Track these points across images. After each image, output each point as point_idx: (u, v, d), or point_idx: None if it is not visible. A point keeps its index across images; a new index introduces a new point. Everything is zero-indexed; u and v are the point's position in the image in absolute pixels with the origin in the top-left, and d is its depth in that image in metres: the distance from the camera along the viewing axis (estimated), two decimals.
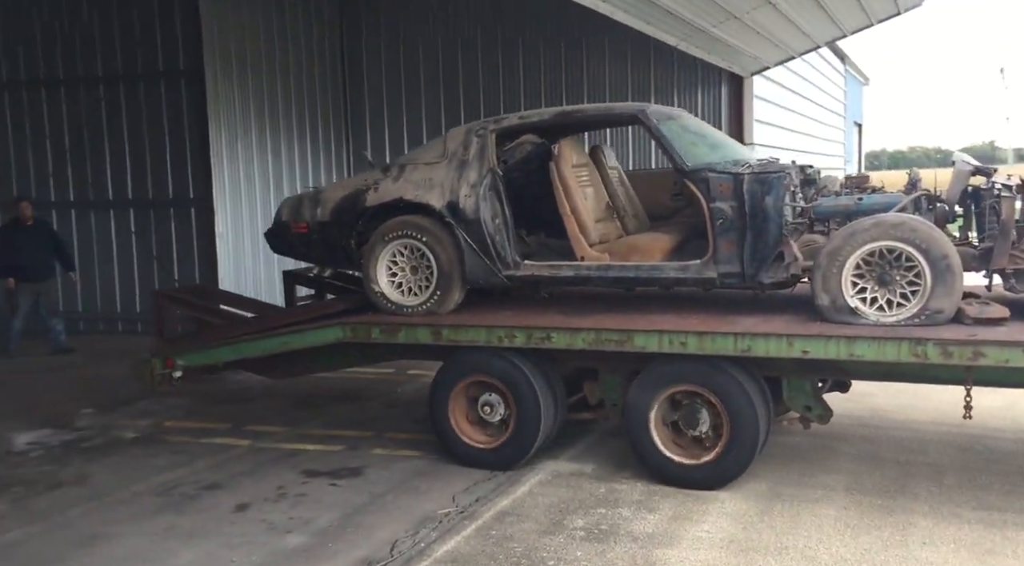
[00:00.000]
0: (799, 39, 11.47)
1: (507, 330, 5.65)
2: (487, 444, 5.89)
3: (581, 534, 4.73)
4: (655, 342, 5.25)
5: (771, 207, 5.28)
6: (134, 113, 11.86)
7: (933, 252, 4.88)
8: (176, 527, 5.03)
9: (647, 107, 6.00)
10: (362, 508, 5.25)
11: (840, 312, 5.07)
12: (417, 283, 6.20)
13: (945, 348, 4.65)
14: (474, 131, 6.23)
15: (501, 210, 6.02)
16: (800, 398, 5.45)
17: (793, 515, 4.89)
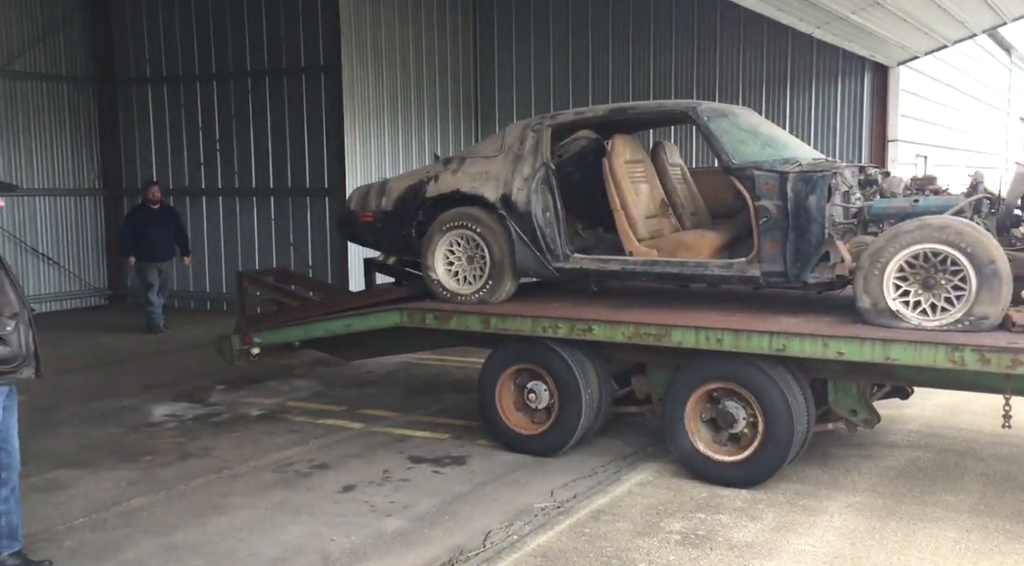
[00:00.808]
0: (951, 26, 10.72)
1: (551, 321, 5.79)
2: (531, 430, 6.04)
3: (676, 538, 4.63)
4: (692, 338, 5.30)
5: (814, 206, 5.24)
6: (277, 106, 12.48)
7: (979, 256, 4.74)
8: (286, 503, 5.26)
9: (699, 105, 6.01)
10: (461, 497, 5.32)
11: (881, 315, 4.98)
12: (472, 272, 6.37)
13: (983, 354, 4.53)
14: (530, 126, 6.35)
15: (552, 204, 6.12)
16: (846, 401, 5.36)
17: (908, 535, 4.61)
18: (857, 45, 10.51)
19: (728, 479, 5.35)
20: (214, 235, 13.08)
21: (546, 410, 6.00)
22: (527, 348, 6.02)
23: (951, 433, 6.40)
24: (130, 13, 13.32)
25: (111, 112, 13.60)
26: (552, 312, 5.95)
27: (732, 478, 5.34)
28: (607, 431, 6.54)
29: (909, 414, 6.90)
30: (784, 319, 5.39)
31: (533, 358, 5.99)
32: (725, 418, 5.36)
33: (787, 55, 11.71)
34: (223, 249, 12.97)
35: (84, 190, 13.50)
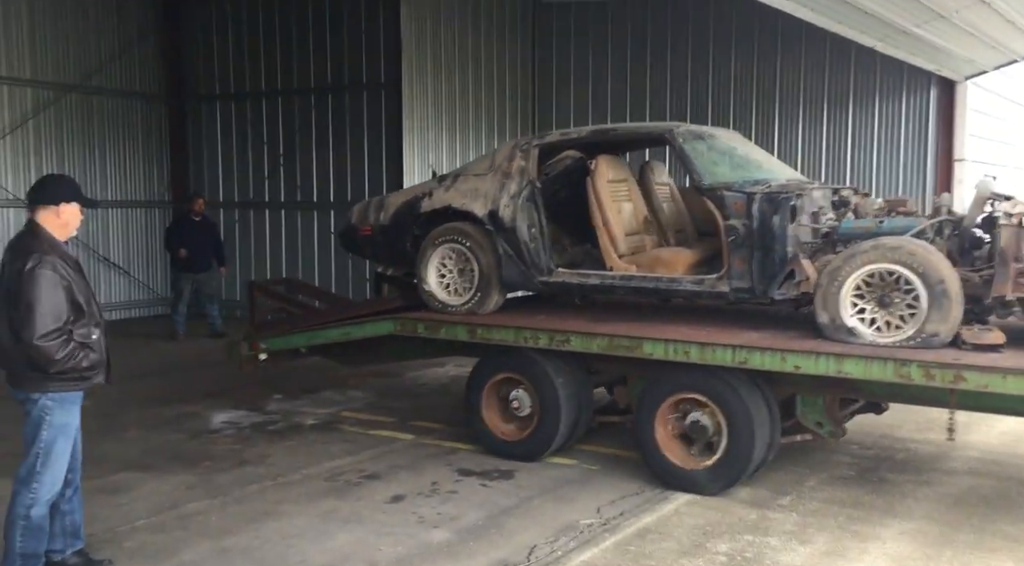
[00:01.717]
0: (1021, 41, 10.44)
1: (532, 332, 6.07)
2: (514, 436, 6.32)
3: (723, 559, 4.59)
4: (661, 350, 5.55)
5: (777, 226, 5.46)
6: (339, 121, 12.78)
7: (930, 276, 4.96)
8: (336, 511, 5.37)
9: (676, 127, 6.30)
10: (508, 511, 5.36)
11: (838, 331, 5.20)
12: (462, 285, 6.67)
13: (928, 370, 4.75)
14: (519, 146, 6.67)
15: (538, 220, 6.40)
16: (812, 414, 5.61)
17: (964, 564, 4.49)
18: (922, 58, 10.28)
19: (694, 486, 5.56)
20: (275, 246, 13.41)
21: (528, 417, 6.24)
22: (511, 358, 6.29)
23: (1015, 462, 6.21)
24: (200, 31, 13.79)
25: (181, 127, 14.08)
26: (534, 323, 6.22)
27: (697, 485, 5.55)
28: None
29: (971, 441, 6.71)
30: (749, 333, 5.59)
31: (517, 367, 6.27)
32: (694, 428, 5.57)
33: (849, 71, 11.50)
34: (284, 260, 13.28)
35: (154, 202, 13.98)
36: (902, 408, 7.46)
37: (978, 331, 4.99)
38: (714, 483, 5.52)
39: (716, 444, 5.52)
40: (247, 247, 13.72)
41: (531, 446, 6.22)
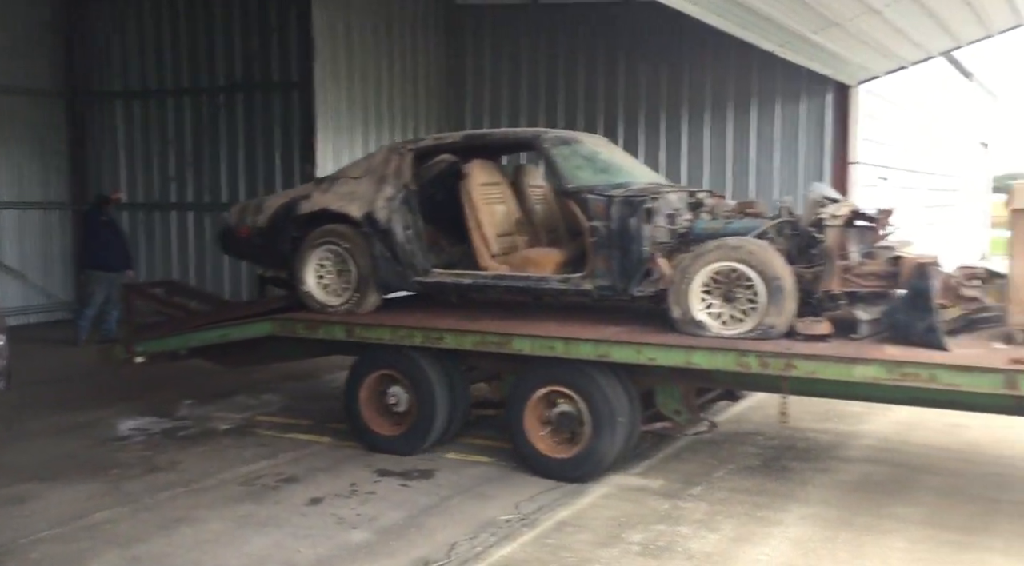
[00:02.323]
0: (909, 48, 11.04)
1: (408, 330, 6.32)
2: (391, 432, 6.49)
3: (636, 549, 4.74)
4: (529, 345, 5.87)
5: (634, 227, 5.81)
6: (249, 122, 12.53)
7: (767, 273, 5.38)
8: (253, 515, 5.31)
9: (544, 133, 6.66)
10: (428, 509, 5.40)
11: (689, 324, 5.59)
12: (340, 285, 6.85)
13: (763, 359, 5.22)
14: (394, 150, 6.90)
15: (413, 222, 6.62)
16: (670, 403, 5.98)
17: (859, 545, 4.76)
18: (819, 64, 10.77)
19: (559, 474, 5.85)
20: (182, 249, 13.07)
21: (405, 413, 6.43)
22: (389, 355, 6.49)
23: (906, 448, 6.58)
24: (102, 26, 13.33)
25: (80, 126, 13.56)
26: (410, 322, 6.45)
27: (563, 473, 5.84)
28: None
29: (866, 430, 7.09)
30: (610, 329, 5.90)
31: (394, 364, 6.46)
32: (560, 419, 5.87)
33: (752, 75, 11.95)
34: (192, 264, 12.96)
35: (52, 203, 13.43)
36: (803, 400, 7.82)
37: (810, 322, 5.39)
38: (579, 470, 5.82)
39: (581, 434, 5.81)
40: (152, 250, 13.33)
41: (408, 441, 6.41)
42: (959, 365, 4.77)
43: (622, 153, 7.51)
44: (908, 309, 5.24)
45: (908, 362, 4.87)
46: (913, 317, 5.17)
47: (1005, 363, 4.70)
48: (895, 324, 5.33)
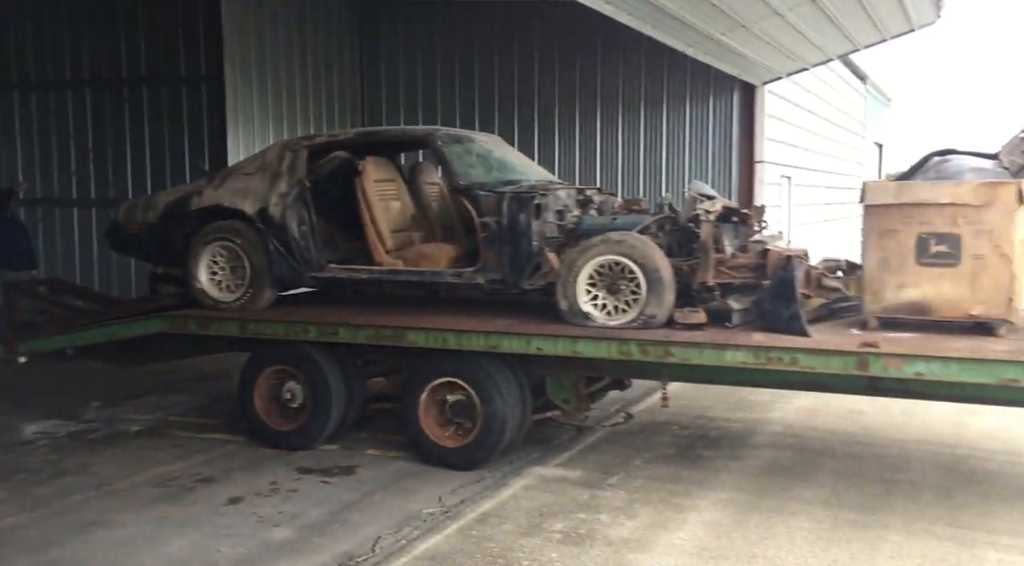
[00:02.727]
0: (811, 51, 11.55)
1: (303, 325, 6.40)
2: (287, 427, 6.53)
3: (558, 537, 4.86)
4: (423, 338, 6.02)
5: (523, 223, 6.00)
6: (155, 116, 12.17)
7: (648, 266, 5.65)
8: (170, 517, 5.21)
9: (436, 131, 6.83)
10: (351, 505, 5.40)
11: (576, 316, 5.81)
12: (234, 282, 6.87)
13: (644, 347, 5.48)
14: (288, 146, 6.95)
15: (308, 218, 6.68)
16: (559, 392, 6.23)
17: (768, 526, 4.99)
18: (727, 64, 11.16)
19: (455, 463, 6.00)
20: (85, 246, 12.60)
21: (301, 408, 6.47)
22: (284, 351, 6.55)
23: (810, 433, 6.91)
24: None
25: None
26: (304, 317, 6.52)
27: (458, 462, 6.00)
28: None
29: (773, 417, 7.40)
30: (501, 321, 6.09)
31: (289, 360, 6.52)
32: (454, 410, 6.04)
33: (663, 74, 12.28)
34: (95, 261, 12.51)
35: None
36: (712, 392, 8.12)
37: (687, 312, 5.69)
38: (472, 459, 5.99)
39: (473, 424, 5.98)
40: (52, 247, 12.82)
41: (303, 435, 6.45)
42: (817, 349, 5.14)
43: (515, 152, 7.72)
44: (774, 299, 5.57)
45: (773, 347, 5.22)
46: (779, 306, 5.51)
47: (857, 346, 5.06)
48: (763, 313, 5.66)
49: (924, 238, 5.34)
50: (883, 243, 5.46)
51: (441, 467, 5.98)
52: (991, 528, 4.93)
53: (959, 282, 5.29)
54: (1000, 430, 6.81)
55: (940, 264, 5.32)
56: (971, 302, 5.28)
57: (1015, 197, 5.19)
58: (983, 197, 5.23)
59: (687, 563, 4.49)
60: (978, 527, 4.94)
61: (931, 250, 5.33)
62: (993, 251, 5.21)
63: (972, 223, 5.23)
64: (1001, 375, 4.78)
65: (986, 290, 5.25)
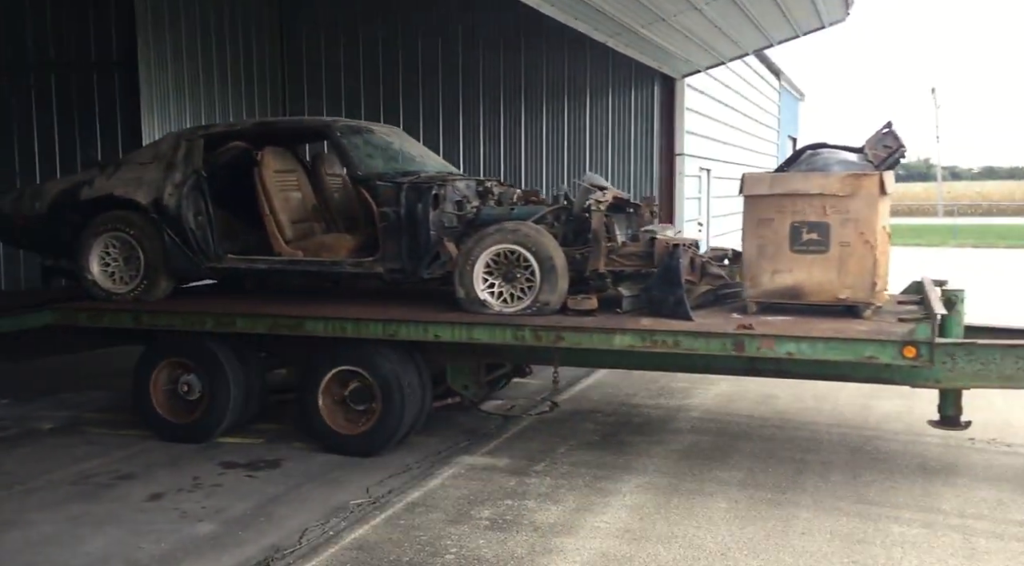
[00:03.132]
0: (727, 45, 11.88)
1: (199, 315, 6.39)
2: (184, 419, 6.50)
3: (485, 524, 4.93)
4: (321, 327, 6.09)
5: (421, 213, 6.12)
6: (64, 103, 11.74)
7: (541, 254, 5.84)
8: (89, 514, 5.09)
9: (335, 122, 6.88)
10: (276, 498, 5.37)
11: (473, 303, 5.97)
12: (128, 273, 6.82)
13: (537, 333, 5.68)
14: (184, 136, 6.94)
15: (204, 208, 6.68)
16: (459, 379, 6.45)
17: (688, 507, 5.16)
18: (648, 57, 11.39)
19: (353, 450, 6.08)
20: None
21: (198, 400, 6.45)
22: (180, 343, 6.52)
23: (727, 418, 7.14)
24: None
25: None
26: (201, 308, 6.52)
27: (356, 449, 6.08)
28: (422, 429, 6.79)
29: (693, 403, 7.62)
30: (399, 309, 6.20)
31: (185, 352, 6.50)
32: (353, 397, 6.12)
33: (586, 66, 12.43)
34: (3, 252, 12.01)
35: None
36: (636, 379, 8.31)
37: (580, 299, 5.89)
38: (372, 446, 6.07)
39: (373, 411, 6.07)
40: None
41: (201, 428, 6.42)
42: (697, 332, 5.42)
43: (416, 143, 7.81)
44: (661, 285, 5.83)
45: (657, 331, 5.49)
46: (665, 292, 5.78)
47: (734, 329, 5.36)
48: (651, 299, 5.90)
49: (797, 226, 5.64)
50: (760, 231, 5.75)
51: (341, 455, 6.07)
52: (894, 503, 5.20)
53: (828, 268, 5.62)
54: (904, 412, 7.17)
55: (811, 251, 5.64)
56: (839, 286, 5.61)
57: (877, 188, 5.53)
58: (849, 188, 5.55)
59: (611, 545, 4.62)
60: (882, 503, 5.21)
61: (803, 238, 5.64)
62: (858, 238, 5.54)
63: (839, 212, 5.56)
64: (862, 353, 5.14)
65: (852, 275, 5.58)
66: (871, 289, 5.60)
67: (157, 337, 6.62)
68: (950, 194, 53.39)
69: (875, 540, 4.66)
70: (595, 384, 8.29)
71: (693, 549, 4.56)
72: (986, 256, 23.79)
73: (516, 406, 7.51)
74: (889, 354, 5.08)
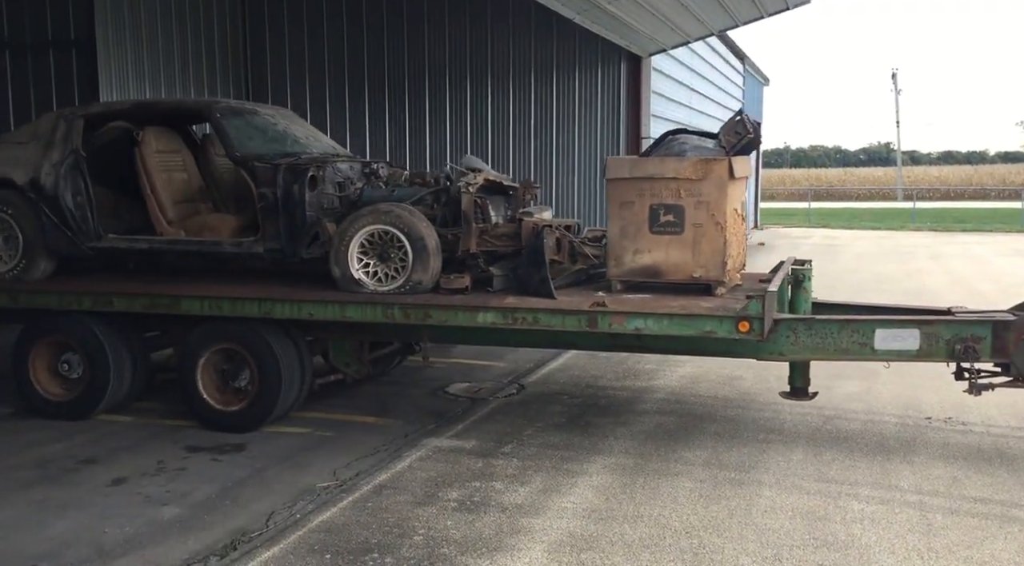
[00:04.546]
0: (693, 24, 11.92)
1: (76, 295, 6.46)
2: (64, 397, 6.62)
3: (453, 505, 4.95)
4: (198, 306, 6.22)
5: (297, 194, 6.20)
6: (20, 84, 11.47)
7: (413, 234, 5.99)
8: (51, 499, 5.03)
9: (215, 103, 6.95)
10: (242, 482, 5.34)
11: (348, 283, 6.10)
12: (7, 252, 6.86)
13: (406, 311, 5.88)
14: (63, 116, 6.91)
15: (84, 188, 6.70)
16: (341, 356, 6.68)
17: (653, 487, 5.23)
18: (615, 34, 11.38)
19: (232, 426, 6.24)
20: None
21: (79, 378, 6.56)
22: (59, 322, 6.59)
23: (692, 399, 7.23)
24: None
25: None
26: (79, 287, 6.55)
27: (235, 424, 6.24)
28: (389, 411, 6.78)
29: (658, 385, 7.70)
30: (277, 289, 6.32)
31: (64, 330, 6.56)
32: (230, 374, 6.29)
33: (553, 43, 12.40)
34: None
35: None
36: (602, 362, 8.37)
37: (452, 278, 6.09)
38: (249, 421, 6.21)
39: (250, 388, 6.22)
40: None
41: (81, 404, 6.53)
42: (554, 309, 5.66)
43: (305, 125, 7.84)
44: (527, 265, 6.03)
45: (518, 308, 5.71)
46: (530, 271, 5.98)
47: (588, 306, 5.60)
48: (518, 278, 6.09)
49: (655, 208, 5.90)
50: (622, 213, 5.98)
51: (220, 431, 6.19)
52: (854, 481, 5.31)
53: (684, 248, 5.89)
54: (863, 393, 7.32)
55: (668, 232, 5.91)
56: (693, 265, 5.90)
57: (726, 172, 5.81)
58: (700, 172, 5.82)
59: (578, 525, 4.67)
60: (843, 481, 5.32)
61: (661, 219, 5.91)
62: (709, 220, 5.82)
63: (693, 195, 5.83)
64: (701, 327, 5.44)
65: (705, 255, 5.87)
66: (722, 268, 5.87)
67: (36, 316, 6.66)
68: (909, 178, 54.31)
69: (835, 517, 4.76)
70: (562, 366, 8.34)
71: (659, 528, 4.63)
72: (935, 239, 24.23)
73: (483, 389, 7.54)
74: (726, 329, 5.37)
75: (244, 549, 4.40)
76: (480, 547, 4.41)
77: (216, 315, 6.18)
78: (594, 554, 4.33)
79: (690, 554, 4.32)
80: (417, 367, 8.31)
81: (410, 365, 8.37)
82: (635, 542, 4.46)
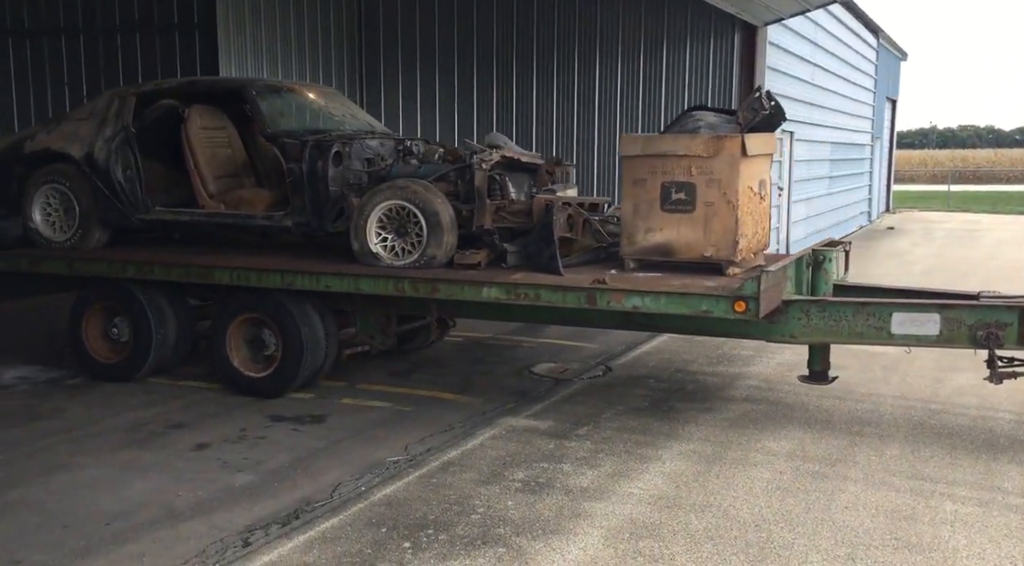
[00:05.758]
0: None
1: (121, 263, 6.85)
2: (112, 359, 7.01)
3: (517, 486, 4.87)
4: (228, 276, 6.47)
5: (321, 169, 6.34)
6: (149, 63, 12.06)
7: (428, 210, 6.06)
8: (136, 461, 5.26)
9: (253, 82, 7.24)
10: (317, 452, 5.43)
11: (366, 256, 6.24)
12: (66, 222, 7.25)
13: (415, 284, 5.95)
14: (117, 93, 7.31)
15: (134, 162, 7.03)
16: (366, 328, 6.80)
17: (728, 477, 4.98)
18: (726, 2, 10.83)
19: (258, 391, 6.49)
20: None
21: (126, 343, 6.93)
22: (108, 288, 6.97)
23: (785, 388, 6.86)
24: None
25: None
26: (128, 257, 6.91)
27: (263, 390, 6.48)
28: (471, 389, 6.76)
29: (752, 371, 7.37)
30: (302, 262, 6.47)
31: (113, 296, 6.95)
32: (259, 342, 6.50)
33: (663, 15, 11.99)
34: None
35: None
36: (696, 346, 8.08)
37: (467, 254, 6.12)
38: (274, 387, 6.46)
39: (276, 355, 6.42)
40: None
41: (126, 367, 6.91)
42: (555, 285, 5.65)
43: (347, 104, 7.95)
44: (537, 242, 6.02)
45: (521, 284, 5.73)
46: (540, 248, 5.98)
47: (589, 284, 5.54)
48: (529, 254, 6.11)
49: (667, 186, 5.79)
50: (635, 191, 5.89)
51: (248, 396, 6.45)
52: (952, 480, 4.90)
53: (695, 226, 5.77)
54: (978, 387, 6.73)
55: (680, 210, 5.79)
56: (704, 244, 5.75)
57: (739, 149, 5.62)
58: (712, 149, 5.66)
59: (641, 512, 4.49)
60: (939, 479, 4.91)
61: (672, 197, 5.79)
62: (721, 198, 5.67)
63: (704, 173, 5.69)
64: (697, 307, 5.33)
65: (716, 233, 5.72)
66: (733, 247, 5.69)
67: (88, 282, 7.05)
68: None
69: (924, 517, 4.40)
70: (653, 350, 8.10)
71: (726, 519, 4.40)
72: None
73: (568, 369, 7.41)
74: (722, 308, 5.23)
75: (305, 518, 4.46)
76: (537, 529, 4.31)
77: (244, 285, 6.43)
78: (653, 542, 4.15)
79: (756, 548, 4.08)
80: (508, 345, 8.27)
81: (500, 343, 8.34)
82: (698, 532, 4.25)
